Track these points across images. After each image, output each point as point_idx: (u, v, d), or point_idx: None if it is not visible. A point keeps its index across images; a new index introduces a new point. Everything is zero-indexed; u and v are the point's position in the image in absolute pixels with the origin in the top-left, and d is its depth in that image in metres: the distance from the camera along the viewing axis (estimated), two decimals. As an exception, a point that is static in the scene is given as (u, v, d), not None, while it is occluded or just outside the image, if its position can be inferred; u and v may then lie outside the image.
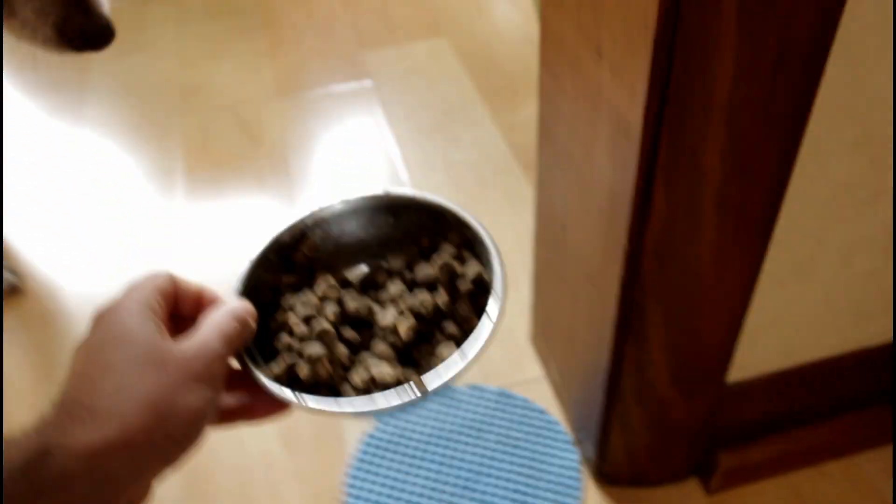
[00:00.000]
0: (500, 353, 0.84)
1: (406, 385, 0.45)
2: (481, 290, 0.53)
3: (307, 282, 0.54)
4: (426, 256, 0.56)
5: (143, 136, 1.19)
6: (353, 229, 0.57)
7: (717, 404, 0.68)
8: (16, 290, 0.93)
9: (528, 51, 1.32)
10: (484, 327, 0.46)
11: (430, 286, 0.54)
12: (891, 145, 0.52)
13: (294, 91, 1.26)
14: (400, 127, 1.16)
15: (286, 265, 0.54)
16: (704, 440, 0.71)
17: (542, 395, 0.79)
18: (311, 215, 0.55)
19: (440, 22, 1.40)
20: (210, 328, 0.36)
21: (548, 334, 0.79)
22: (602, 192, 0.53)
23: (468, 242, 0.56)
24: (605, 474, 0.72)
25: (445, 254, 0.55)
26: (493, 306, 0.48)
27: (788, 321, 0.63)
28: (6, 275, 0.92)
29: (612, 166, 0.50)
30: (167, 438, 0.32)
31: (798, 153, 0.48)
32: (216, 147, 1.16)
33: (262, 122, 1.19)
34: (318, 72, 1.30)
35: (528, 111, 1.18)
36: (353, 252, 0.56)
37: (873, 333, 0.68)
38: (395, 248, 0.57)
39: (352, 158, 1.12)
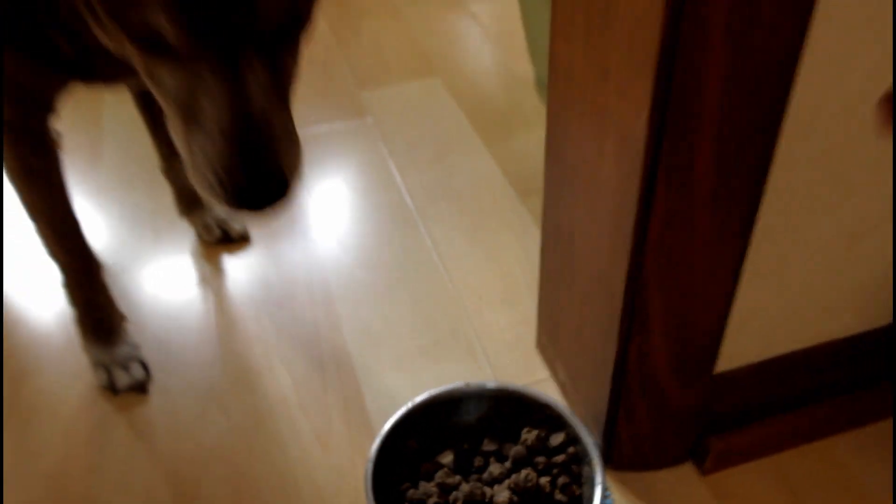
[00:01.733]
0: (509, 359, 0.92)
1: None
2: (573, 458, 0.67)
3: (418, 470, 0.68)
4: (516, 436, 0.71)
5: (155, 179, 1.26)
6: (448, 416, 0.71)
7: (708, 393, 0.76)
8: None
9: (516, 87, 1.42)
10: (596, 493, 0.61)
11: (526, 462, 0.68)
12: (852, 154, 0.61)
13: (298, 128, 1.34)
14: (401, 159, 1.25)
15: (401, 456, 0.69)
16: (698, 427, 0.79)
17: (549, 393, 0.87)
18: (411, 407, 0.70)
19: (433, 62, 1.50)
20: None
21: (554, 339, 0.87)
22: (609, 199, 0.62)
23: (549, 419, 0.70)
24: (612, 461, 0.79)
25: (533, 432, 0.69)
26: (597, 471, 0.63)
27: (768, 315, 0.72)
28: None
29: (619, 175, 0.59)
30: None
31: (772, 163, 0.58)
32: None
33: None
34: (320, 109, 1.39)
35: (520, 142, 1.28)
36: (450, 436, 0.70)
37: (844, 326, 0.77)
38: (485, 432, 0.71)
39: (358, 189, 1.20)
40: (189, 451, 0.84)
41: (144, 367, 0.92)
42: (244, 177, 0.50)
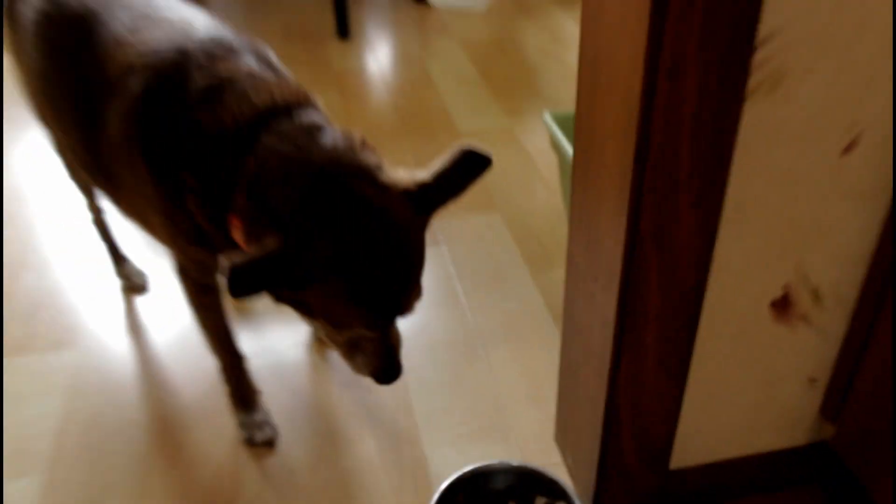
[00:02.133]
0: (533, 447, 1.26)
1: None
2: None
3: None
4: (531, 501, 1.06)
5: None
6: (485, 482, 1.07)
7: (665, 482, 1.09)
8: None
9: (559, 224, 1.79)
10: None
11: None
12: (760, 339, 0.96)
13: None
14: (466, 282, 1.62)
15: None
16: (662, 506, 1.11)
17: (560, 475, 1.21)
18: (460, 475, 1.05)
19: (494, 198, 1.89)
20: None
21: (564, 434, 1.21)
22: (597, 342, 0.97)
23: (556, 492, 1.05)
24: (599, 525, 1.13)
25: (542, 499, 1.05)
26: None
27: (705, 431, 1.06)
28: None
29: (601, 320, 0.94)
30: None
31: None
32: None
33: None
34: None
35: (559, 273, 1.64)
36: (487, 497, 1.06)
37: (767, 442, 1.10)
38: (510, 497, 1.07)
39: (431, 304, 1.57)
40: (305, 492, 1.20)
41: (272, 428, 1.30)
42: (387, 377, 0.98)
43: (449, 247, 1.73)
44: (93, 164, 1.06)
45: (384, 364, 0.96)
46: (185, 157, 0.92)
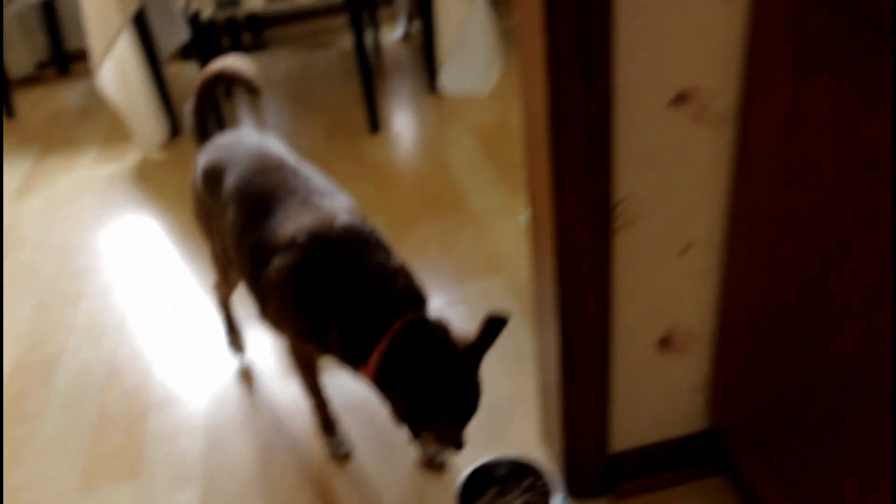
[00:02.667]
0: (524, 446, 1.84)
1: None
2: (544, 488, 1.59)
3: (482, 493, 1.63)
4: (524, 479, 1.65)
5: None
6: (492, 470, 1.65)
7: (608, 461, 1.66)
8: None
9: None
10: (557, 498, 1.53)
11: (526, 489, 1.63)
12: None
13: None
14: (479, 331, 2.21)
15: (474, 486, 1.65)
16: (612, 478, 1.68)
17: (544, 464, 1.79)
18: (479, 465, 1.68)
19: (500, 265, 2.48)
20: None
21: (548, 431, 1.79)
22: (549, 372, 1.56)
23: (538, 473, 1.63)
24: (570, 490, 1.70)
25: (530, 478, 1.63)
26: (557, 490, 1.54)
27: (622, 421, 1.63)
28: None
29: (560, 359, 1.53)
30: None
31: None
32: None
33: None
34: (432, 302, 2.37)
35: (547, 321, 2.22)
36: (493, 479, 1.65)
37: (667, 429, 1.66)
38: (511, 478, 1.65)
39: (454, 349, 2.16)
40: (373, 487, 1.79)
41: (348, 445, 1.90)
42: (461, 447, 1.57)
43: (466, 305, 2.33)
44: (250, 280, 1.63)
45: (463, 442, 1.56)
46: (334, 317, 1.46)
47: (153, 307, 2.52)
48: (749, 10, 1.18)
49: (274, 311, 1.59)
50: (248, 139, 1.74)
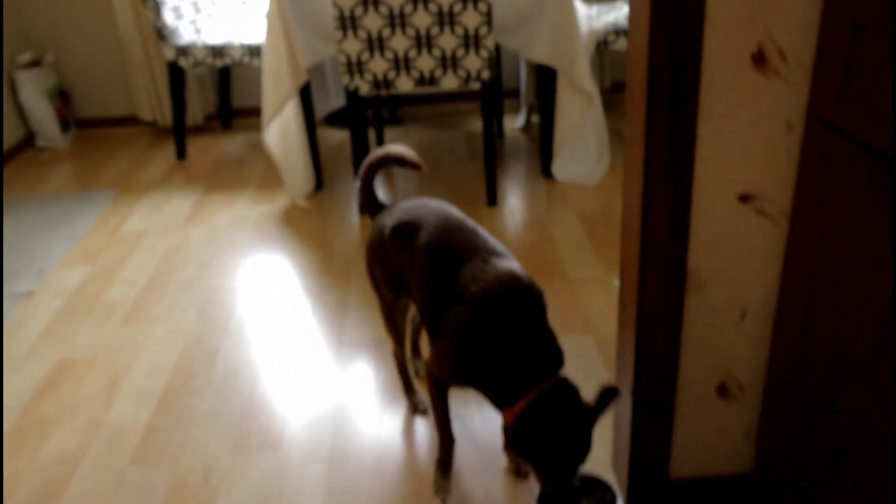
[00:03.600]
0: (599, 469, 2.20)
1: None
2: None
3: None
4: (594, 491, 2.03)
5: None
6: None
7: (664, 488, 2.00)
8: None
9: (630, 348, 2.75)
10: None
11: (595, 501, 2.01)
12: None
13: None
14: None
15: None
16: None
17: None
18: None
19: (590, 325, 2.87)
20: None
21: (617, 457, 2.15)
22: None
23: (605, 486, 2.03)
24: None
25: (598, 491, 2.03)
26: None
27: (687, 455, 1.98)
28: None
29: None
30: None
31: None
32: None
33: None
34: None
35: (625, 377, 2.59)
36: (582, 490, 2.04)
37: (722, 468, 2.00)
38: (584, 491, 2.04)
39: (543, 389, 2.56)
40: (465, 487, 2.18)
41: (449, 488, 2.29)
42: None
43: (556, 356, 2.72)
44: (429, 320, 1.83)
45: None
46: (496, 361, 1.70)
47: (293, 320, 3.03)
48: (802, 137, 1.59)
49: (442, 348, 1.83)
50: (431, 204, 2.01)
